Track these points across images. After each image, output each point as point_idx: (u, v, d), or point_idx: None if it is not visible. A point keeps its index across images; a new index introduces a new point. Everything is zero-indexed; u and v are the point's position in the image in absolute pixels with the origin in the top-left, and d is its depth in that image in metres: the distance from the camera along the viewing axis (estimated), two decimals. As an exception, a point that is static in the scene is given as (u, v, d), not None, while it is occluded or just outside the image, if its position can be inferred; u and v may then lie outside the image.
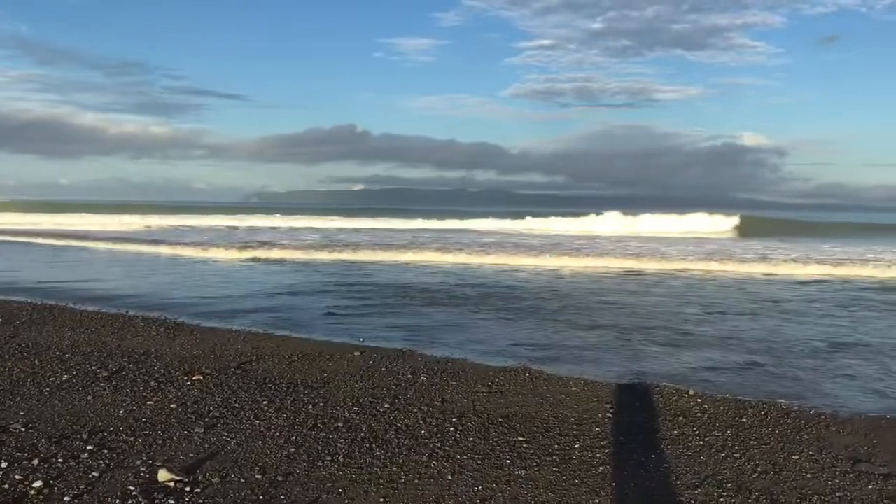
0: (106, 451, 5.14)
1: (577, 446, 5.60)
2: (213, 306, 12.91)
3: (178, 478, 4.65)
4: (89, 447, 5.19)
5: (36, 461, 4.88)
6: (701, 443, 5.75)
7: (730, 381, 8.04)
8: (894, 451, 5.66)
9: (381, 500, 4.50)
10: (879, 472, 5.17)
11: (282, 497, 4.49)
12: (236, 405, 6.43)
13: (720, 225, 51.35)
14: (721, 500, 4.63)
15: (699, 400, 7.01)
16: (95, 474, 4.69)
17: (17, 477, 4.61)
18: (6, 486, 4.47)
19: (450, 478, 4.88)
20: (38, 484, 4.50)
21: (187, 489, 4.53)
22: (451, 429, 5.94)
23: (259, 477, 4.78)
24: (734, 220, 52.19)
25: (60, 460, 4.92)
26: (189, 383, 7.16)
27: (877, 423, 6.44)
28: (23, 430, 5.55)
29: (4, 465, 4.80)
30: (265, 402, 6.54)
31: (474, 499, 4.55)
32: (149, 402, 6.43)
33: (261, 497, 4.47)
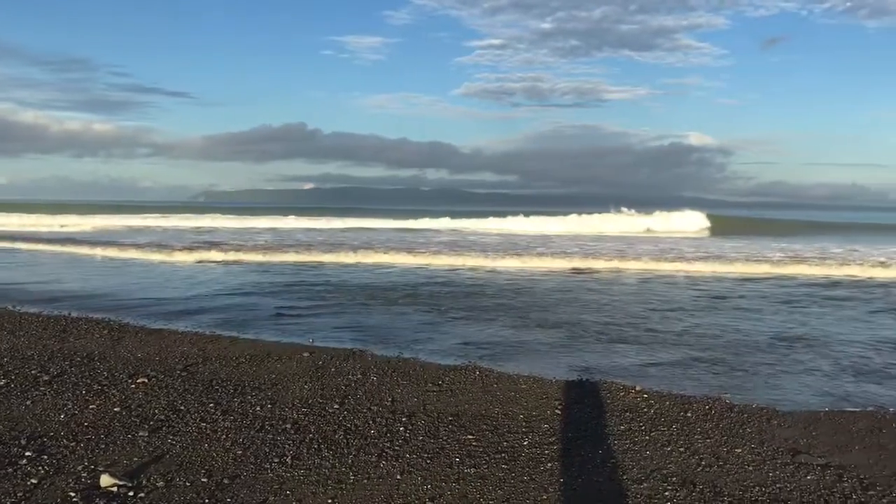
0: (45, 456, 5.01)
1: (525, 443, 5.64)
2: (159, 308, 12.68)
3: (121, 482, 4.55)
4: (28, 453, 5.05)
5: (-29, 469, 4.73)
6: (647, 437, 5.84)
7: (676, 377, 8.18)
8: (832, 442, 5.83)
9: (330, 500, 4.47)
10: (817, 462, 5.31)
11: (228, 500, 4.43)
12: (182, 408, 6.33)
13: (690, 224, 51.52)
14: (666, 493, 4.70)
15: (645, 395, 7.12)
16: (34, 481, 4.57)
17: (-49, 485, 4.47)
18: (-61, 495, 4.33)
19: (399, 477, 4.87)
20: (-27, 492, 4.36)
21: (130, 494, 4.44)
22: (401, 428, 5.93)
23: (205, 480, 4.71)
24: (703, 220, 52.42)
25: (-3, 467, 4.78)
26: (133, 386, 7.02)
27: (816, 416, 6.61)
28: (-42, 436, 5.38)
29: (-62, 473, 4.65)
30: (212, 405, 6.44)
31: (423, 497, 4.55)
32: (91, 406, 6.28)
33: (206, 500, 4.40)
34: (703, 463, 5.28)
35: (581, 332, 10.81)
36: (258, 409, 6.37)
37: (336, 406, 6.49)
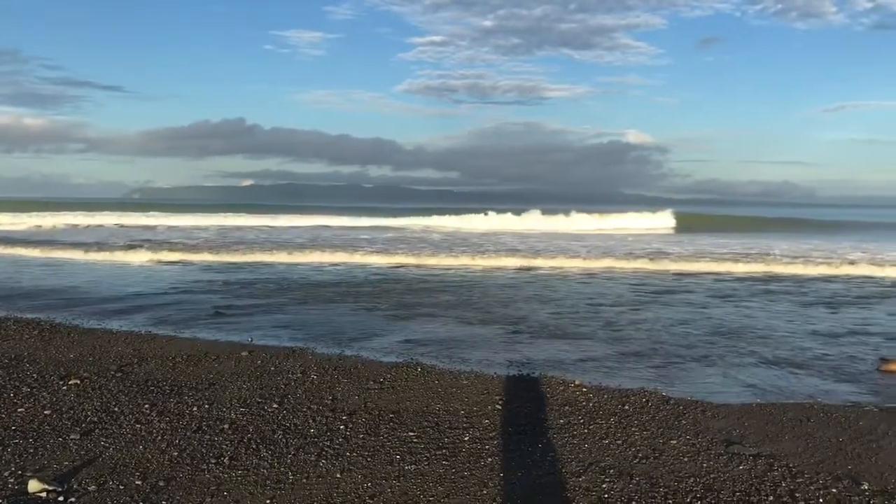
0: (-30, 462, 4.83)
1: (466, 439, 5.66)
2: (93, 307, 12.34)
3: (50, 487, 4.42)
4: (-49, 459, 4.86)
5: None
6: (585, 431, 5.92)
7: (614, 370, 8.29)
8: (763, 433, 5.99)
9: (268, 501, 4.42)
10: (749, 452, 5.46)
11: (163, 503, 4.33)
12: (116, 409, 6.17)
13: (656, 223, 51.06)
14: (604, 486, 4.77)
15: (584, 389, 7.21)
16: (-42, 488, 4.40)
17: None
18: None
19: (338, 476, 4.83)
20: None
21: (60, 499, 4.31)
22: (342, 426, 5.88)
23: (139, 483, 4.60)
24: (670, 219, 51.91)
25: (-82, 474, 4.59)
26: (65, 388, 6.81)
27: (748, 407, 6.79)
28: None
29: None
30: (147, 406, 6.30)
31: (363, 496, 4.53)
32: (20, 410, 6.08)
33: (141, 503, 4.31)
34: (639, 455, 5.37)
35: (523, 329, 10.90)
36: (195, 409, 6.25)
37: (275, 405, 6.42)
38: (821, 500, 4.60)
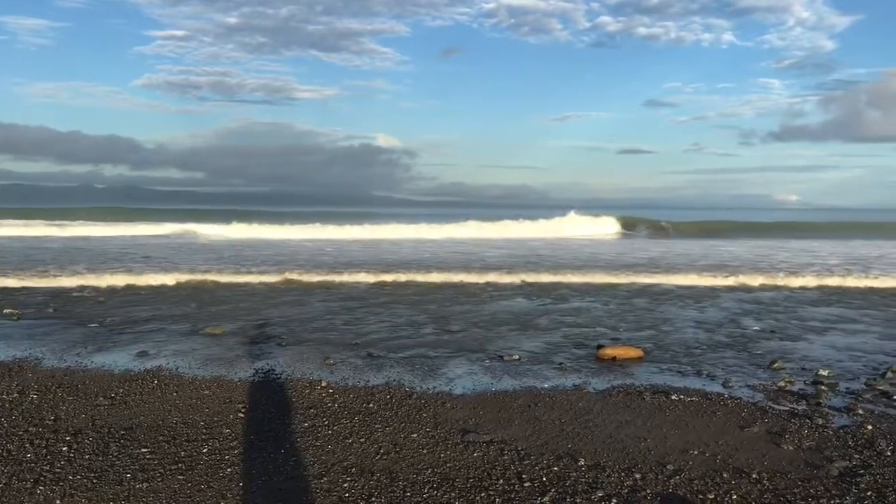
0: None
1: (205, 451, 5.45)
2: None
3: None
4: None
5: None
6: (330, 432, 5.95)
7: (362, 369, 8.38)
8: (496, 419, 6.39)
9: (-28, 539, 3.95)
10: (483, 439, 5.79)
11: None
12: None
13: (600, 229, 47.05)
14: (345, 484, 4.82)
15: (331, 390, 7.25)
16: None
17: None
18: None
19: (59, 502, 4.44)
20: None
21: None
22: (65, 448, 5.41)
23: None
24: (615, 224, 48.68)
25: None
26: None
27: (483, 396, 7.20)
28: None
29: None
30: None
31: (87, 521, 4.20)
32: None
33: None
34: (381, 451, 5.49)
35: (271, 335, 10.70)
36: None
37: (-15, 431, 5.75)
38: (544, 479, 5.00)
